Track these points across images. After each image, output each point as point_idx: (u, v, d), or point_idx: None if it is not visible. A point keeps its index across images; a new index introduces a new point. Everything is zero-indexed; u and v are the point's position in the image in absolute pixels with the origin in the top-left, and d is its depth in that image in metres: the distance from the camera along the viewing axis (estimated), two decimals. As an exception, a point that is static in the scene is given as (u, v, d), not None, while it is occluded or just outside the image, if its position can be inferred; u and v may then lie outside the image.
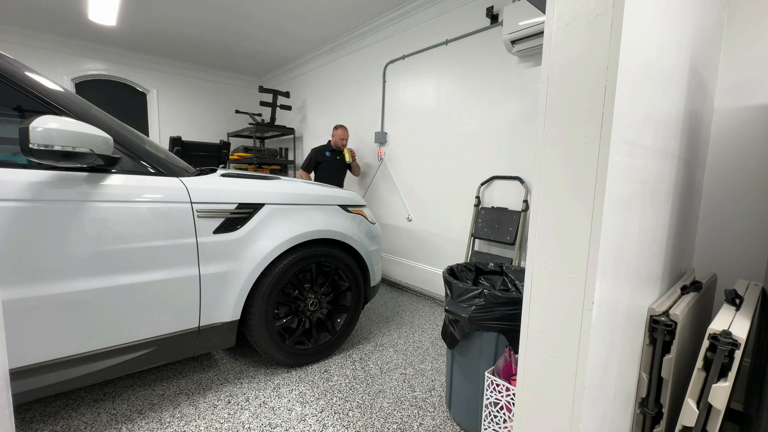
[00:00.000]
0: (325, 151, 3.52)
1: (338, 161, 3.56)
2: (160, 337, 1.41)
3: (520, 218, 2.38)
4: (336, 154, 3.54)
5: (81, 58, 4.43)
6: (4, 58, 1.20)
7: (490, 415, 1.25)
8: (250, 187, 1.64)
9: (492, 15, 2.56)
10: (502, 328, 1.31)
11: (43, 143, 1.05)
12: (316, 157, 3.52)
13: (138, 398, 1.61)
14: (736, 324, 0.95)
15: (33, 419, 1.45)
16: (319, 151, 3.56)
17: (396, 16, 3.26)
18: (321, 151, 3.55)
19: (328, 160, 3.53)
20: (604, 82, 0.66)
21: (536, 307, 0.80)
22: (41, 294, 1.15)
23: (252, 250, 1.59)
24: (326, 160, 3.53)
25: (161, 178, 1.40)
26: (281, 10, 3.34)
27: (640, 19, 0.71)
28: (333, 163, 3.54)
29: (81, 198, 1.21)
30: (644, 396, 1.07)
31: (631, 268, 0.89)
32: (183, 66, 5.10)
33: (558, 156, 0.73)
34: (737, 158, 1.62)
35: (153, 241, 1.34)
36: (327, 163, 3.53)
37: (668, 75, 0.96)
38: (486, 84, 2.63)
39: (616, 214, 0.73)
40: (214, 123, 5.53)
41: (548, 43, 0.73)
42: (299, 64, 4.79)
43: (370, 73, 3.70)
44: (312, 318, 1.92)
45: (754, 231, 1.58)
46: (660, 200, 1.06)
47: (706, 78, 1.43)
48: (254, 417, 1.51)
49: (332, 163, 3.54)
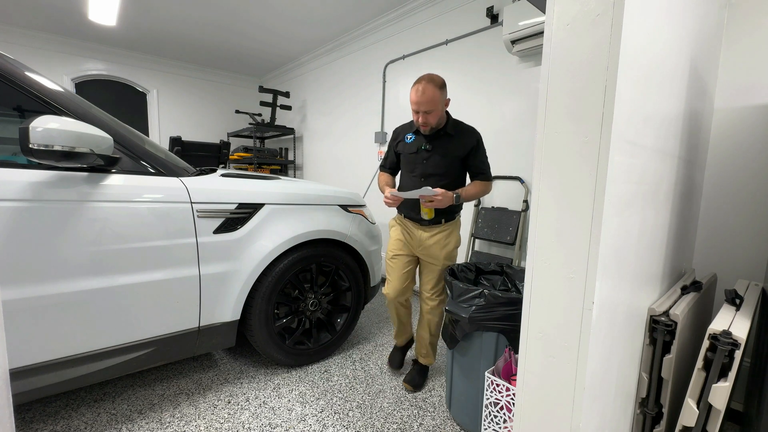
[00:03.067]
0: (407, 134, 1.72)
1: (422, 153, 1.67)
2: (160, 337, 1.41)
3: (520, 218, 2.38)
4: (421, 141, 1.66)
5: (81, 58, 4.43)
6: (4, 58, 1.20)
7: (490, 415, 1.25)
8: (250, 187, 1.64)
9: (492, 15, 2.56)
10: (502, 328, 1.31)
11: (43, 143, 1.05)
12: (393, 145, 1.79)
13: (138, 398, 1.61)
14: (736, 324, 0.95)
15: (33, 419, 1.45)
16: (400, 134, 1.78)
17: (396, 16, 3.26)
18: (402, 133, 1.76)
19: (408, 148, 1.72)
20: (604, 82, 0.66)
21: (536, 307, 0.80)
22: (41, 294, 1.15)
23: (252, 250, 1.59)
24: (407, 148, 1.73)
25: (161, 178, 1.40)
26: (281, 10, 3.34)
27: (641, 19, 0.71)
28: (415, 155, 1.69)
29: (81, 198, 1.21)
30: (644, 396, 1.07)
31: (631, 268, 0.89)
32: (183, 66, 5.09)
33: (558, 156, 0.73)
34: (737, 158, 1.62)
35: (153, 241, 1.34)
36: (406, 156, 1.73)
37: (668, 75, 0.96)
38: (486, 84, 2.63)
39: (616, 214, 0.73)
40: (214, 123, 5.53)
41: (548, 43, 0.73)
42: (299, 64, 4.78)
43: (370, 73, 3.70)
44: (312, 318, 1.92)
45: (754, 231, 1.58)
46: (660, 200, 1.06)
47: (706, 78, 1.43)
48: (254, 417, 1.51)
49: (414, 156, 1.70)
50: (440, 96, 1.52)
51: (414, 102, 1.53)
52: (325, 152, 4.55)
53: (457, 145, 1.62)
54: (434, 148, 1.63)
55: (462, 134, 1.64)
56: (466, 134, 1.64)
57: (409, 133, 1.71)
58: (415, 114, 1.56)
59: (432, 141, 1.63)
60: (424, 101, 1.50)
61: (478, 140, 1.64)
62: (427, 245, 1.66)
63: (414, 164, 1.68)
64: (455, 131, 1.63)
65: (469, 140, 1.62)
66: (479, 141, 1.64)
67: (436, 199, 1.49)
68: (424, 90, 1.49)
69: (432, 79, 1.51)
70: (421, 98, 1.50)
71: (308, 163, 4.91)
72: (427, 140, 1.64)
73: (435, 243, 1.64)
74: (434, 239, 1.65)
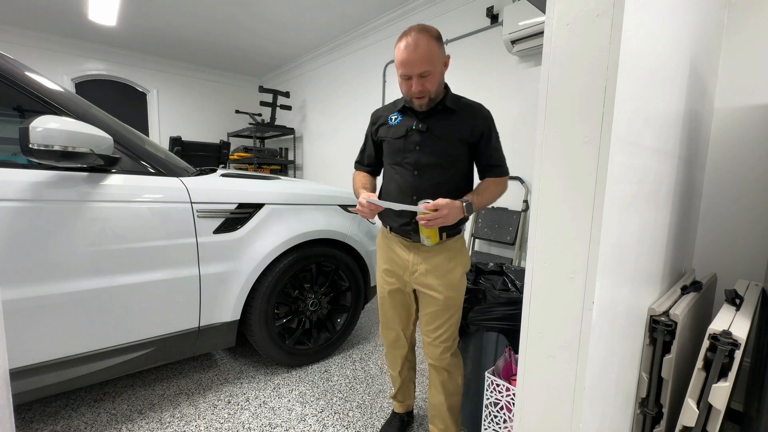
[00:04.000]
0: (389, 115, 1.26)
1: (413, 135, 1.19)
2: (160, 337, 1.41)
3: (520, 218, 2.38)
4: (411, 120, 1.20)
5: (81, 58, 4.43)
6: (4, 58, 1.20)
7: (490, 415, 1.25)
8: (250, 187, 1.64)
9: (492, 15, 2.56)
10: (502, 328, 1.31)
11: (43, 143, 1.05)
12: (372, 132, 1.34)
13: (138, 398, 1.61)
14: (736, 324, 0.95)
15: (33, 419, 1.45)
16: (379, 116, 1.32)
17: (396, 16, 3.26)
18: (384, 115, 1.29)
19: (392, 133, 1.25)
20: (604, 82, 0.66)
21: (536, 307, 0.80)
22: (41, 294, 1.15)
23: (252, 250, 1.59)
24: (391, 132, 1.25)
25: (161, 178, 1.40)
26: (281, 10, 3.34)
27: (641, 20, 0.71)
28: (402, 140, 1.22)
29: (81, 198, 1.21)
30: (644, 396, 1.07)
31: (631, 268, 0.89)
32: (183, 66, 5.09)
33: (558, 156, 0.73)
34: (737, 158, 1.61)
35: (153, 241, 1.34)
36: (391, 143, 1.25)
37: (668, 75, 0.96)
38: (486, 84, 2.63)
39: (616, 214, 0.73)
40: (214, 123, 5.53)
41: (548, 43, 0.73)
42: (299, 64, 4.79)
43: (370, 73, 3.70)
44: (312, 318, 1.92)
45: (754, 231, 1.58)
46: (660, 200, 1.06)
47: (706, 78, 1.43)
48: (254, 417, 1.51)
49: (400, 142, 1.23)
50: (438, 51, 1.06)
51: (403, 62, 1.05)
52: (325, 152, 4.56)
53: (461, 125, 1.15)
54: (430, 128, 1.14)
55: (468, 112, 1.16)
56: (474, 112, 1.17)
57: (393, 113, 1.23)
58: (406, 82, 1.09)
59: (426, 119, 1.15)
60: (417, 59, 1.03)
61: (490, 121, 1.18)
62: (421, 272, 1.18)
63: (402, 153, 1.18)
64: (458, 106, 1.16)
65: (478, 120, 1.15)
66: (492, 124, 1.19)
67: (441, 215, 1.02)
68: (416, 43, 1.02)
69: (424, 28, 1.05)
70: (413, 55, 1.03)
71: (308, 163, 4.91)
72: (419, 119, 1.16)
73: (432, 269, 1.17)
74: (431, 263, 1.17)
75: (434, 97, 1.13)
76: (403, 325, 1.32)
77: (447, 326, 1.21)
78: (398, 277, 1.25)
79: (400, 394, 1.44)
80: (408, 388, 1.45)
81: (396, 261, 1.24)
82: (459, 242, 1.23)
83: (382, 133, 1.25)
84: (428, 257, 1.19)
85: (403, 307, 1.29)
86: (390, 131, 1.22)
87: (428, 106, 1.14)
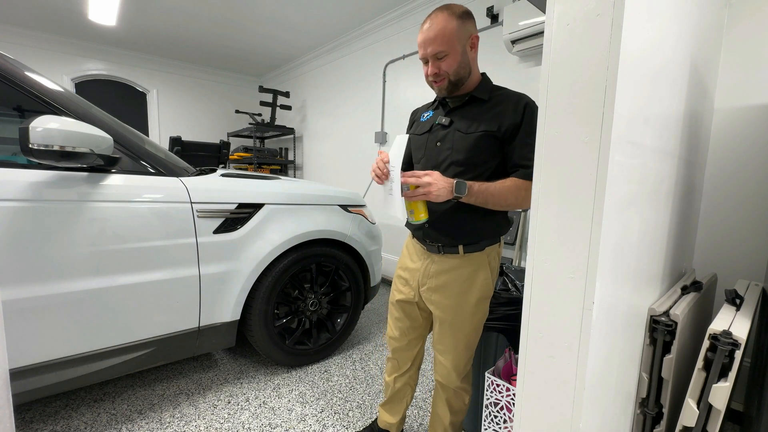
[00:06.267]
0: (423, 112, 1.21)
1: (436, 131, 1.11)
2: (160, 337, 1.41)
3: (520, 218, 2.38)
4: (440, 115, 1.11)
5: (81, 58, 4.43)
6: (4, 58, 1.20)
7: (490, 416, 1.25)
8: (250, 187, 1.64)
9: (492, 15, 2.56)
10: (502, 328, 1.31)
11: (43, 143, 1.05)
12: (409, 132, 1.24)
13: (138, 398, 1.61)
14: (737, 324, 0.95)
15: (33, 419, 1.45)
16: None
17: (396, 16, 3.26)
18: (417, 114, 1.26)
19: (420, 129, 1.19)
20: (604, 82, 0.66)
21: (536, 307, 0.80)
22: (41, 294, 1.15)
23: (252, 250, 1.59)
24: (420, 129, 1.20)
25: (161, 178, 1.40)
26: (281, 10, 3.34)
27: (641, 20, 0.71)
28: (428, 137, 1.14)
29: (81, 198, 1.21)
30: (644, 396, 1.07)
31: (631, 268, 0.89)
32: (183, 66, 5.09)
33: (558, 156, 0.73)
34: (737, 158, 1.61)
35: (153, 241, 1.34)
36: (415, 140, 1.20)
37: (668, 75, 0.96)
38: (486, 84, 2.63)
39: (616, 214, 0.73)
40: (214, 123, 5.53)
41: (548, 43, 0.73)
42: (299, 64, 4.78)
43: (370, 73, 3.70)
44: (312, 318, 1.92)
45: (755, 231, 1.58)
46: (660, 200, 1.06)
47: (706, 78, 1.43)
48: (254, 417, 1.51)
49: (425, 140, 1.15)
50: (457, 29, 0.95)
51: (418, 44, 0.98)
52: (325, 152, 4.55)
53: (487, 116, 1.00)
54: (454, 122, 1.03)
55: (501, 101, 1.02)
56: (504, 100, 1.03)
57: (428, 110, 1.15)
58: (424, 65, 1.01)
59: (452, 113, 1.05)
60: (429, 38, 0.96)
61: (525, 111, 0.99)
62: (430, 287, 1.07)
63: (423, 149, 1.08)
64: (491, 96, 1.03)
65: (507, 110, 1.00)
66: (528, 114, 0.99)
67: (421, 184, 0.91)
68: (433, 21, 0.96)
69: (448, 6, 0.97)
70: (425, 34, 0.97)
71: (308, 163, 4.91)
72: (445, 113, 1.06)
73: (441, 287, 1.04)
74: (440, 280, 1.05)
75: (456, 81, 1.01)
76: (401, 342, 1.22)
77: (455, 353, 1.07)
78: (410, 287, 1.14)
79: (390, 402, 1.33)
80: (397, 405, 1.31)
81: (410, 268, 1.14)
82: (483, 258, 1.03)
83: (413, 130, 1.17)
84: (440, 272, 1.04)
85: (410, 319, 1.18)
86: (418, 128, 1.15)
87: (450, 92, 1.03)
